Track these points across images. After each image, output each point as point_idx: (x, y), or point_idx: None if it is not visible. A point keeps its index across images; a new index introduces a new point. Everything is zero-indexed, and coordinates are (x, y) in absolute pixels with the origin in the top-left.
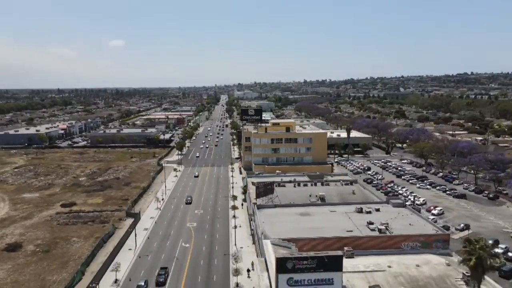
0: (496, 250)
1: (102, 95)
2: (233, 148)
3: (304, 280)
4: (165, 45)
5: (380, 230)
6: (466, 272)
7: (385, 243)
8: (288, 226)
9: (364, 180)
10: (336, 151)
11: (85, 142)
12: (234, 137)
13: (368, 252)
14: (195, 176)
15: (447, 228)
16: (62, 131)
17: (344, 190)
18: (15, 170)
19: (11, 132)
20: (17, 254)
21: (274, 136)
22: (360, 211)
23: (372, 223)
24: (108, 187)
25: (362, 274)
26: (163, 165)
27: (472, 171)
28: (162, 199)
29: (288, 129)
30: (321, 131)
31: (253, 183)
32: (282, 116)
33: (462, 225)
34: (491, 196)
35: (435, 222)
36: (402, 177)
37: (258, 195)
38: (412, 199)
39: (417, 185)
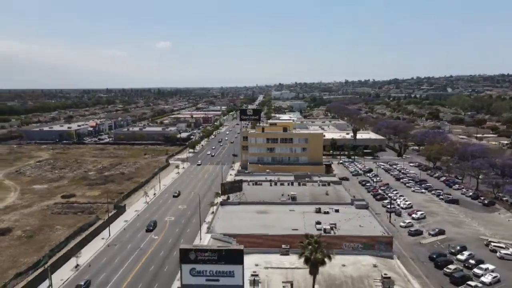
0: (459, 256)
1: (145, 95)
2: None
3: (206, 271)
4: (210, 46)
5: (325, 230)
6: (384, 274)
7: (327, 243)
8: (240, 222)
9: (359, 182)
10: (345, 152)
11: (110, 139)
12: None
13: None
14: (174, 196)
15: (420, 233)
16: (91, 129)
17: (319, 190)
18: (37, 163)
19: (46, 128)
20: (4, 238)
21: (270, 136)
22: (318, 211)
23: (319, 223)
24: (111, 181)
25: (283, 271)
26: (170, 162)
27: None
28: (154, 194)
29: (285, 129)
30: (317, 131)
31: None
32: (310, 117)
33: (436, 230)
34: (486, 202)
35: (411, 226)
36: (401, 180)
37: (223, 192)
38: (398, 203)
39: (412, 189)
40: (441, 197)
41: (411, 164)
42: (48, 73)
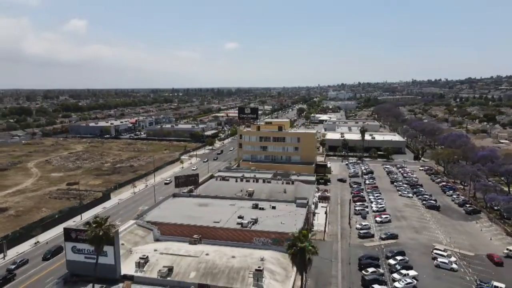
0: (390, 261)
1: (204, 94)
2: None
3: (84, 249)
4: (275, 46)
5: (242, 224)
6: (259, 267)
7: (239, 236)
8: (173, 212)
9: (350, 183)
10: (358, 153)
11: (144, 135)
12: None
13: (219, 242)
14: (165, 183)
15: (371, 236)
16: (131, 125)
17: (279, 188)
18: (68, 154)
19: (91, 124)
20: None
21: (263, 134)
22: (255, 207)
23: (241, 217)
24: (117, 172)
25: (174, 257)
26: (181, 157)
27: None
28: (146, 186)
29: (280, 128)
30: (309, 131)
31: (212, 176)
32: (352, 117)
33: (388, 234)
34: (469, 210)
35: (368, 228)
36: (395, 183)
37: (177, 185)
38: (372, 205)
39: (399, 193)
40: (424, 202)
41: (421, 168)
42: (128, 75)
